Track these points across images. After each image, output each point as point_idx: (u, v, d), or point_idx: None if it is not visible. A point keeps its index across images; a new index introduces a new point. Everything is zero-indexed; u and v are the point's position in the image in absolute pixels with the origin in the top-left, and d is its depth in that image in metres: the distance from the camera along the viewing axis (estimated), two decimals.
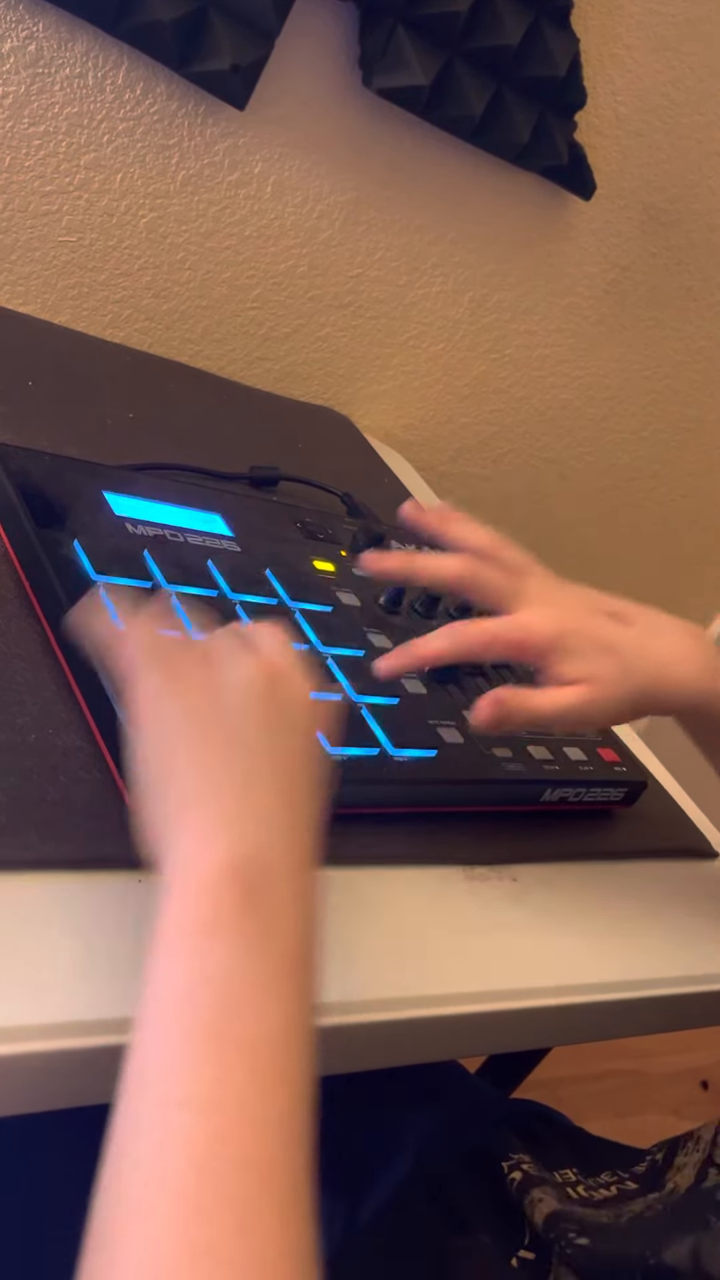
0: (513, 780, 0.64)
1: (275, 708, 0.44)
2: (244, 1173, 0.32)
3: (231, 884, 0.38)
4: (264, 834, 0.40)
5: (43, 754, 0.49)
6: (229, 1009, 0.35)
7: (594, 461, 1.40)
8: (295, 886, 0.40)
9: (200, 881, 0.38)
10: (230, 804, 0.40)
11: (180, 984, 0.36)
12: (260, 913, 0.38)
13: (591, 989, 0.59)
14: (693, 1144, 0.57)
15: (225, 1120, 0.33)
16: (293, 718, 0.44)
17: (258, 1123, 0.33)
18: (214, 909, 0.37)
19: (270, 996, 0.36)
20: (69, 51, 0.86)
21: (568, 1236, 0.51)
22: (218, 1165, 0.32)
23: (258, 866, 0.39)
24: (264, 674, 0.45)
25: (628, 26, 1.04)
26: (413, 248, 1.10)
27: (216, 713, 0.43)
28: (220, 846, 0.39)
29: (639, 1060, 1.70)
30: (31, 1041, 0.40)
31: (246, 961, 0.37)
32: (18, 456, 0.63)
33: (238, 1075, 0.34)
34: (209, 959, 0.36)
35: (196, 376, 1.01)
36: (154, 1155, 0.32)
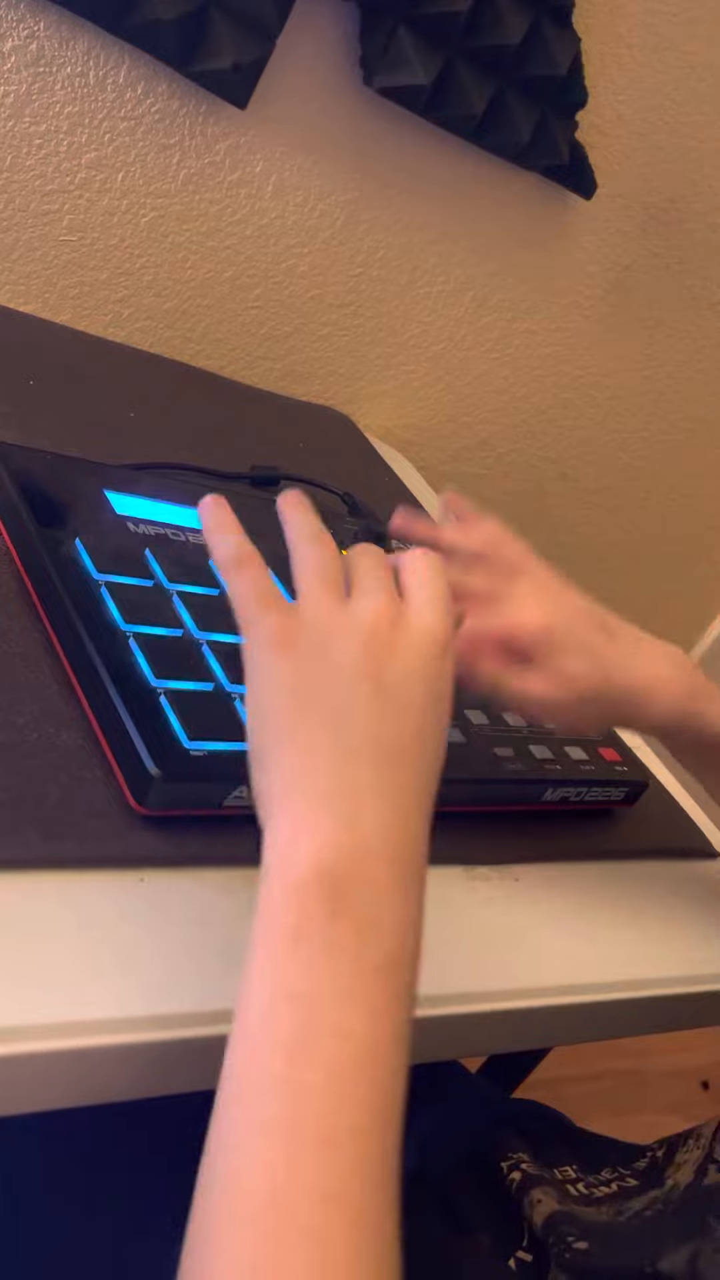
0: (514, 780, 0.64)
1: (392, 663, 0.41)
2: (316, 1200, 0.32)
3: (318, 887, 0.36)
4: (360, 820, 0.38)
5: (44, 753, 0.49)
6: (311, 1028, 0.34)
7: (594, 461, 1.40)
8: (395, 875, 0.38)
9: (287, 883, 0.36)
10: (324, 788, 0.38)
11: (264, 996, 0.35)
12: (350, 916, 0.36)
13: (592, 989, 0.59)
14: (693, 1141, 0.57)
15: (299, 1147, 0.32)
16: (409, 673, 0.41)
17: (334, 1146, 0.33)
18: (300, 916, 0.36)
19: (358, 1010, 0.35)
20: (70, 50, 0.86)
21: (566, 1240, 0.50)
22: (290, 1193, 0.32)
23: (348, 861, 0.37)
24: (384, 622, 0.42)
25: (629, 26, 1.04)
26: (413, 247, 1.10)
27: (322, 675, 0.40)
28: (311, 841, 0.37)
29: (639, 1060, 1.70)
30: (34, 1041, 0.40)
31: (332, 974, 0.35)
32: (19, 456, 0.63)
33: (315, 1100, 0.33)
34: (293, 972, 0.35)
35: (197, 376, 1.01)
36: (235, 1175, 0.33)
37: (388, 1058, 0.35)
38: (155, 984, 0.44)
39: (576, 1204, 0.55)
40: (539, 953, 0.58)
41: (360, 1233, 0.32)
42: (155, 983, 0.44)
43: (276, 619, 0.41)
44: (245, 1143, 0.33)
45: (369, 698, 0.40)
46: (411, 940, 0.38)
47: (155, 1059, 0.43)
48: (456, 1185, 0.60)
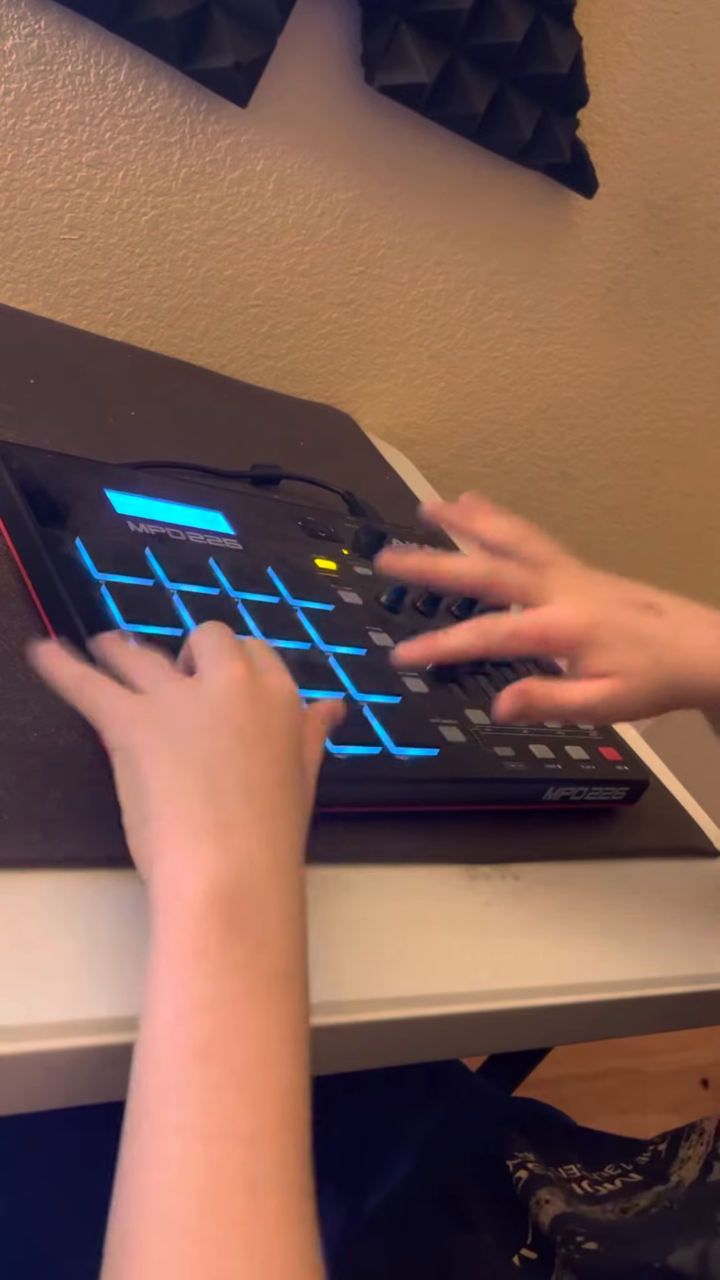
0: (515, 779, 0.64)
1: (251, 712, 0.44)
2: (244, 1194, 0.32)
3: (213, 909, 0.38)
4: (241, 848, 0.40)
5: (45, 752, 0.49)
6: (217, 1033, 0.36)
7: (596, 459, 1.40)
8: (278, 896, 0.40)
9: (182, 907, 0.38)
10: (203, 825, 0.40)
11: (170, 1011, 0.37)
12: (245, 933, 0.38)
13: (593, 988, 0.59)
14: (696, 1135, 0.57)
15: (220, 1144, 0.33)
16: (268, 723, 0.44)
17: (253, 1142, 0.34)
18: (198, 937, 0.38)
19: (258, 1016, 0.37)
20: (71, 49, 0.86)
21: (575, 1240, 0.50)
22: (217, 1190, 0.32)
23: (238, 886, 0.39)
24: (239, 680, 0.44)
25: (630, 24, 1.04)
26: (415, 245, 1.09)
27: (185, 731, 0.43)
28: (197, 869, 0.39)
29: (639, 1059, 1.70)
30: (34, 1040, 0.40)
31: (233, 985, 0.37)
32: (19, 454, 0.63)
33: (229, 1097, 0.34)
34: (196, 986, 0.37)
35: (198, 374, 1.00)
36: (156, 1185, 0.33)
37: (290, 1058, 0.37)
38: None
39: (583, 1203, 0.55)
40: (540, 952, 0.58)
41: (287, 1223, 0.33)
42: None
43: (130, 705, 0.44)
44: (163, 1148, 0.34)
45: (234, 746, 0.43)
46: (298, 958, 0.40)
47: None
48: (459, 1183, 0.60)
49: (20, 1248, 0.57)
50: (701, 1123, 0.57)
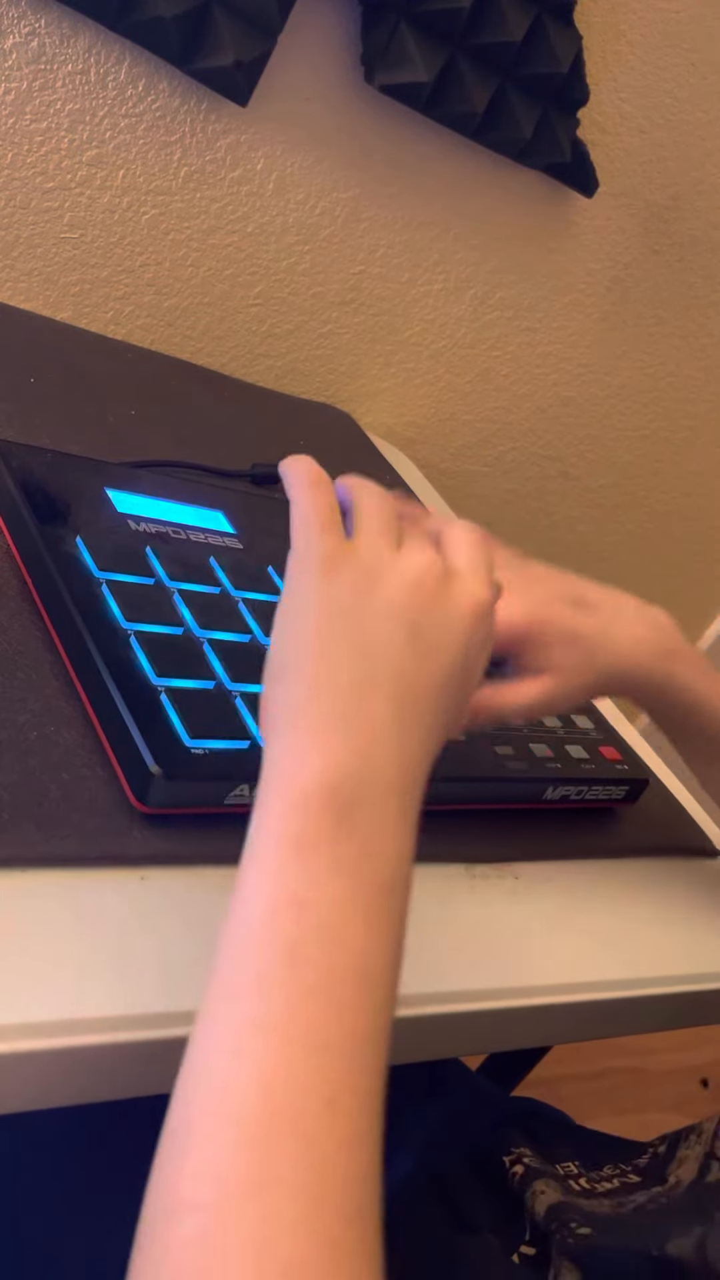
0: (514, 778, 0.64)
1: (432, 613, 0.42)
2: (311, 1103, 0.31)
3: (327, 802, 0.36)
4: (371, 749, 0.38)
5: (45, 751, 0.49)
6: (312, 932, 0.34)
7: (595, 459, 1.40)
8: (395, 806, 0.38)
9: (296, 795, 0.37)
10: (341, 709, 0.38)
11: (266, 901, 0.35)
12: (355, 834, 0.36)
13: (593, 987, 0.59)
14: (695, 1137, 0.57)
15: (297, 1048, 0.32)
16: (446, 632, 0.42)
17: (330, 1051, 0.33)
18: (307, 827, 0.36)
19: (357, 922, 0.35)
20: (71, 48, 0.86)
21: (569, 1226, 0.50)
22: (285, 1093, 0.31)
23: (356, 784, 0.37)
24: (433, 575, 0.42)
25: (631, 23, 1.04)
26: (415, 245, 1.09)
27: (362, 604, 0.41)
28: (321, 758, 0.37)
29: (639, 1058, 1.70)
30: (34, 1039, 0.40)
31: (336, 885, 0.35)
32: (20, 453, 0.63)
33: (313, 1003, 0.33)
34: (298, 879, 0.35)
35: (198, 373, 1.01)
36: (225, 1075, 0.32)
37: (383, 973, 0.35)
38: (156, 982, 0.44)
39: (579, 1197, 0.55)
40: (540, 951, 0.58)
41: (350, 1142, 0.32)
42: (156, 981, 0.44)
43: (333, 545, 0.42)
44: (237, 1041, 0.33)
45: (402, 639, 0.41)
46: (407, 871, 0.38)
47: (155, 1057, 0.43)
48: (460, 1183, 0.60)
49: (19, 1247, 0.57)
50: (701, 1124, 0.57)
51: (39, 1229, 0.58)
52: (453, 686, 0.42)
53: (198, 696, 0.53)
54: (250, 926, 0.35)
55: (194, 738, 0.50)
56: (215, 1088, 0.32)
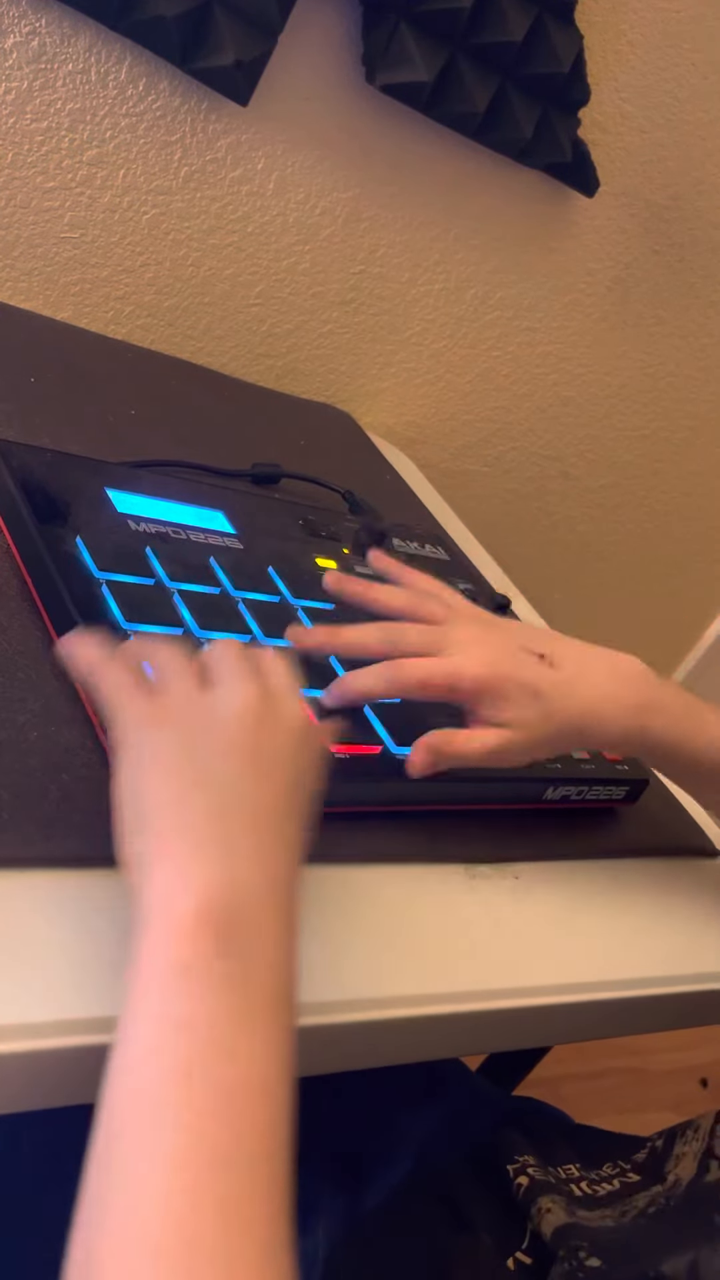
0: (515, 778, 0.64)
1: (262, 739, 0.44)
2: (219, 1222, 0.31)
3: (206, 925, 0.37)
4: (239, 869, 0.39)
5: (45, 751, 0.49)
6: (202, 1053, 0.35)
7: (595, 459, 1.40)
8: (272, 919, 0.39)
9: (174, 923, 0.37)
10: (204, 839, 0.40)
11: (153, 1028, 0.35)
12: (236, 953, 0.37)
13: (593, 987, 0.59)
14: (692, 1132, 0.57)
15: (197, 1170, 0.32)
16: (279, 753, 0.44)
17: (232, 1168, 0.33)
18: (188, 952, 0.37)
19: (245, 1038, 0.36)
20: (72, 47, 0.86)
21: (578, 1255, 0.50)
22: (194, 1216, 0.31)
23: (232, 904, 0.38)
24: (253, 705, 0.45)
25: (631, 23, 1.04)
26: (415, 244, 1.09)
27: (197, 746, 0.43)
28: (194, 885, 0.38)
29: (639, 1058, 1.70)
30: (33, 1040, 0.40)
31: (221, 1004, 0.36)
32: (20, 453, 0.63)
33: (210, 1122, 0.33)
34: (183, 1003, 0.36)
35: (198, 373, 1.00)
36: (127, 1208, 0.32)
37: (276, 1085, 0.36)
38: None
39: (582, 1207, 0.55)
40: (540, 951, 0.58)
41: (265, 1253, 0.32)
42: None
43: (147, 702, 0.44)
44: (140, 1173, 0.32)
45: (243, 768, 0.43)
46: (290, 985, 0.39)
47: None
48: (458, 1183, 0.60)
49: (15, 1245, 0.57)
50: (698, 1119, 0.57)
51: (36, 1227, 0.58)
52: (297, 799, 0.44)
53: None
54: (136, 1057, 0.35)
55: None
56: (117, 1219, 0.32)
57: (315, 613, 0.65)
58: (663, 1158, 0.58)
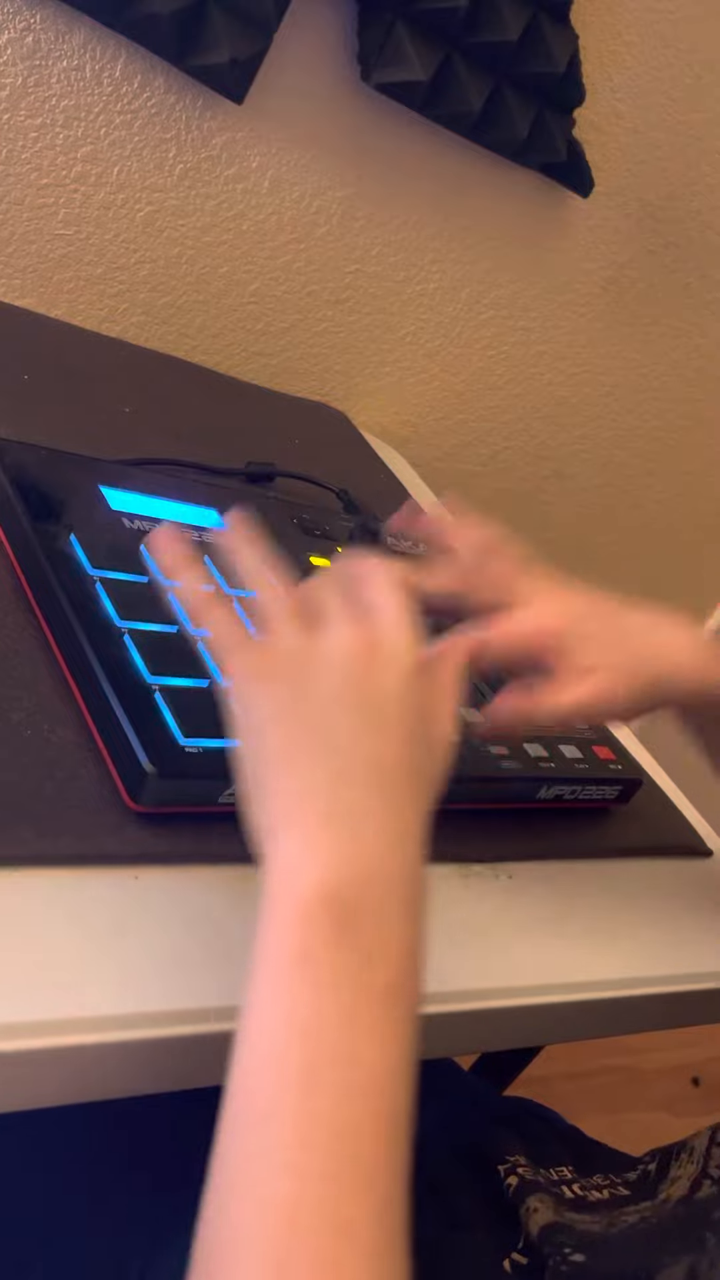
0: (508, 778, 0.64)
1: (372, 691, 0.41)
2: (335, 1235, 0.31)
3: (324, 913, 0.36)
4: (362, 844, 0.37)
5: (39, 749, 0.49)
6: (320, 1055, 0.34)
7: (590, 459, 1.40)
8: (399, 902, 0.37)
9: (291, 910, 0.36)
10: (324, 813, 0.38)
11: (270, 1024, 0.35)
12: (358, 941, 0.36)
13: (586, 987, 0.59)
14: (686, 1155, 0.56)
15: (310, 1179, 0.32)
16: (391, 693, 0.41)
17: (343, 1179, 0.32)
18: (306, 942, 0.35)
19: (366, 1036, 0.35)
20: (66, 44, 0.86)
21: (563, 1252, 0.50)
22: (311, 1228, 0.31)
23: (354, 887, 0.36)
24: (361, 650, 0.41)
25: (627, 23, 1.04)
26: (410, 244, 1.09)
27: (305, 706, 0.40)
28: (314, 865, 0.37)
29: (631, 1057, 1.70)
30: (27, 1038, 0.40)
31: (340, 1000, 0.35)
32: (14, 450, 0.63)
33: (323, 1132, 0.33)
34: (300, 998, 0.35)
35: (193, 371, 1.00)
36: (244, 1218, 0.32)
37: (394, 1084, 0.34)
38: (149, 981, 0.44)
39: (571, 1210, 0.55)
40: (532, 950, 0.58)
41: (372, 1263, 0.32)
42: (149, 980, 0.44)
43: (254, 654, 0.42)
44: (254, 1181, 0.32)
45: (358, 722, 0.40)
46: (415, 966, 0.37)
47: (149, 1056, 0.43)
48: (452, 1183, 0.60)
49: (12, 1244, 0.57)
50: (692, 1140, 0.57)
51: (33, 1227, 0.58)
52: (421, 749, 0.42)
53: (192, 695, 0.53)
54: (259, 1054, 0.34)
55: (188, 736, 0.50)
56: (235, 1227, 0.32)
57: None
58: (656, 1180, 0.57)
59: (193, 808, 0.51)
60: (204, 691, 0.54)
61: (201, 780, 0.50)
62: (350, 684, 0.41)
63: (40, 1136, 0.59)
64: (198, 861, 0.50)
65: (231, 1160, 0.33)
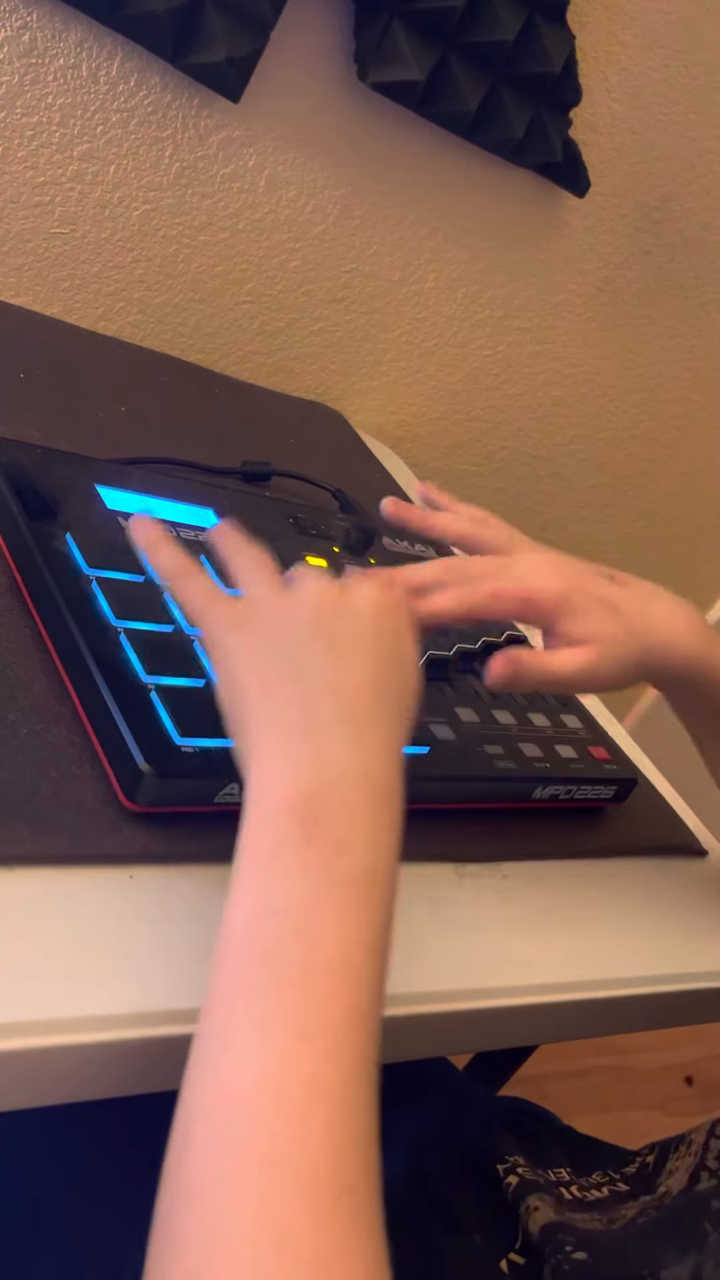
0: (504, 777, 0.64)
1: (339, 625, 0.45)
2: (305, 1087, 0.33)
3: (293, 813, 0.39)
4: (326, 754, 0.41)
5: (34, 749, 0.49)
6: (290, 934, 0.37)
7: (585, 459, 1.40)
8: (366, 801, 0.41)
9: (266, 810, 0.40)
10: (292, 728, 0.42)
11: (245, 912, 0.38)
12: (324, 835, 0.39)
13: (581, 986, 0.59)
14: (684, 1147, 0.57)
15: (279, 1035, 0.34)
16: (356, 629, 0.45)
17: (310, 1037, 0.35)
18: (278, 839, 0.39)
19: (331, 917, 0.37)
20: (63, 42, 0.86)
21: (564, 1250, 0.50)
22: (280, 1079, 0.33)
23: (319, 788, 0.40)
24: (331, 596, 0.46)
25: (623, 24, 1.04)
26: (406, 243, 1.09)
27: (280, 639, 0.44)
28: (284, 774, 0.40)
29: (624, 1056, 1.70)
30: (23, 1038, 0.40)
31: (308, 885, 0.38)
32: (9, 449, 0.63)
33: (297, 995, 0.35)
34: (270, 887, 0.38)
35: (189, 370, 1.00)
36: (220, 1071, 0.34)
37: (364, 960, 0.37)
38: (145, 981, 0.44)
39: (571, 1210, 0.55)
40: (527, 950, 0.59)
41: (335, 1121, 0.33)
42: (145, 979, 0.44)
43: (227, 606, 0.47)
44: (230, 1036, 0.35)
45: (324, 653, 0.44)
46: (384, 861, 0.40)
47: (145, 1055, 0.43)
48: (449, 1184, 0.60)
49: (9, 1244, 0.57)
50: (691, 1134, 0.57)
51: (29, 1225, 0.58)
52: (387, 676, 0.45)
53: (188, 694, 0.53)
54: (235, 934, 0.38)
55: (184, 736, 0.50)
56: (209, 1081, 0.34)
57: None
58: (654, 1174, 0.57)
59: (188, 807, 0.51)
60: (199, 691, 0.54)
61: (197, 780, 0.50)
62: (319, 619, 0.45)
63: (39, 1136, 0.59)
64: (194, 861, 0.50)
65: (207, 1029, 0.36)
